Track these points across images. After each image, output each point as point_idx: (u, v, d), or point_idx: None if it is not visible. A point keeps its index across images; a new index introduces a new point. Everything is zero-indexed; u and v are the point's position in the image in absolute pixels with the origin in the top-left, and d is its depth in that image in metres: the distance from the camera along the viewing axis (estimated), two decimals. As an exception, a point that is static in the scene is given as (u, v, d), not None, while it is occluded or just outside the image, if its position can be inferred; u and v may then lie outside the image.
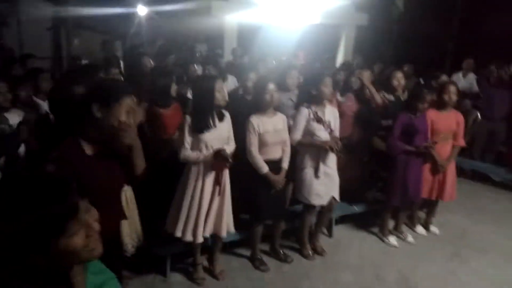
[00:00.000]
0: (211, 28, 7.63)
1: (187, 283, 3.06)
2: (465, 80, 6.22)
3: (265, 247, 3.47)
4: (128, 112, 1.72)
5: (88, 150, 1.73)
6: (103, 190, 1.73)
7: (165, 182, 3.06)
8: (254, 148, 2.96)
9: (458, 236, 3.97)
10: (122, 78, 4.41)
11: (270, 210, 3.15)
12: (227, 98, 2.89)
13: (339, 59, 8.39)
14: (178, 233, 2.81)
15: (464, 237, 3.95)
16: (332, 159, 3.27)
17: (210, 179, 2.80)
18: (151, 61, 5.12)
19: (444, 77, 4.11)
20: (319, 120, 3.17)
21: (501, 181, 5.31)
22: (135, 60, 5.79)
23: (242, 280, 3.14)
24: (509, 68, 5.23)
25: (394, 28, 9.10)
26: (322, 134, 3.18)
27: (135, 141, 1.79)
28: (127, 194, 2.80)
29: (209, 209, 2.85)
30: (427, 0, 8.42)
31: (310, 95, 3.22)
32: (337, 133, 3.28)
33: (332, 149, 3.12)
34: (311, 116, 3.17)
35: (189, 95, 3.94)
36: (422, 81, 5.21)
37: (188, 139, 2.71)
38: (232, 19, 7.53)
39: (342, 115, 3.46)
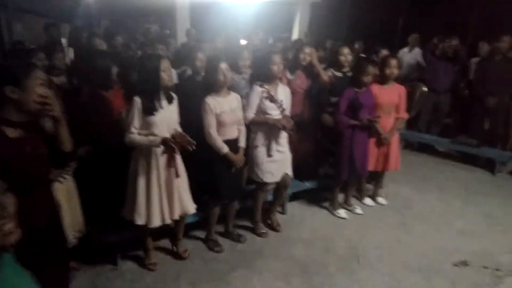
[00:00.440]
0: (161, 7, 7.39)
1: (139, 270, 3.05)
2: (411, 55, 6.44)
3: (219, 228, 3.50)
4: (42, 85, 1.73)
5: (11, 134, 1.70)
6: (30, 174, 1.72)
7: (113, 166, 3.02)
8: (213, 129, 2.96)
9: (404, 205, 4.19)
10: (66, 62, 4.24)
11: (229, 190, 3.18)
12: (174, 78, 2.83)
13: (295, 37, 8.41)
14: (140, 221, 2.77)
15: (410, 206, 4.17)
16: (284, 137, 3.34)
17: (163, 162, 2.77)
18: (103, 42, 4.93)
19: (384, 51, 4.22)
20: (271, 98, 3.21)
21: (445, 152, 5.61)
22: (83, 42, 5.56)
23: (196, 261, 3.17)
24: (451, 41, 5.45)
25: (347, 5, 9.19)
26: (275, 113, 3.22)
27: (60, 114, 1.78)
28: (69, 183, 2.76)
29: (171, 192, 2.83)
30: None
31: (262, 74, 3.24)
32: (288, 111, 3.33)
33: (284, 128, 3.18)
34: (264, 94, 3.19)
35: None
36: (364, 56, 5.34)
37: (136, 123, 2.65)
38: (183, -1, 7.32)
39: (293, 93, 3.50)
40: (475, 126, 5.35)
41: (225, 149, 3.00)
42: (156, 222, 2.81)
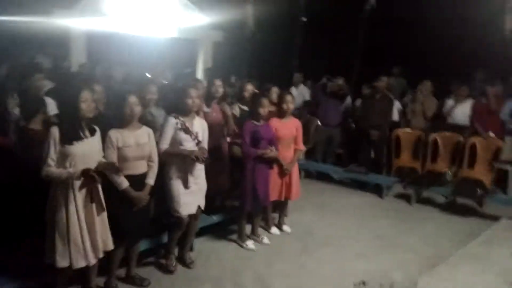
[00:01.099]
0: (54, 38, 6.90)
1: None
2: (297, 92, 7.07)
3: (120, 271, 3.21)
4: None
5: None
6: None
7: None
8: None
9: (307, 232, 4.37)
10: None
11: (132, 230, 2.99)
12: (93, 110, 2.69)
13: (199, 73, 8.56)
14: (63, 263, 2.56)
15: (311, 233, 4.36)
16: (200, 169, 3.34)
17: (82, 197, 2.61)
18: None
19: (274, 89, 4.58)
20: (186, 130, 3.22)
21: (340, 179, 6.11)
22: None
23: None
24: (337, 81, 6.10)
25: (248, 45, 9.73)
26: (189, 145, 3.23)
27: None
28: None
29: (93, 228, 2.65)
30: (274, 21, 9.29)
31: (177, 107, 3.28)
32: (205, 144, 3.35)
33: (198, 159, 3.18)
34: (179, 126, 3.19)
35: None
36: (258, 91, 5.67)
37: (53, 154, 2.49)
38: (79, 29, 6.96)
39: (209, 125, 3.55)
40: (362, 156, 5.96)
41: (123, 184, 2.84)
42: (80, 263, 2.60)
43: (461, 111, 5.90)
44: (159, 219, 3.56)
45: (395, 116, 6.30)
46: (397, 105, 6.38)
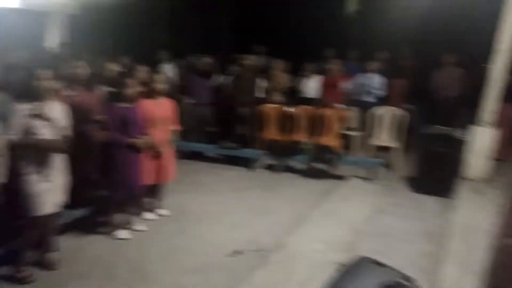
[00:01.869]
0: None
1: None
2: (164, 69, 6.97)
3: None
4: None
5: None
6: None
7: None
8: None
9: (183, 212, 4.43)
10: None
11: None
12: None
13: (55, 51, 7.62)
14: None
15: (188, 212, 4.45)
16: (59, 160, 3.04)
17: None
18: None
19: (142, 68, 4.40)
20: (40, 116, 2.89)
21: (213, 157, 6.30)
22: None
23: None
24: (205, 59, 6.17)
25: (110, 19, 8.95)
26: (46, 133, 2.91)
27: None
28: None
29: None
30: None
31: (27, 91, 2.93)
32: (65, 130, 3.06)
33: (56, 149, 2.93)
34: (30, 112, 2.85)
35: None
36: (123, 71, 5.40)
37: None
38: None
39: (74, 110, 3.26)
40: (233, 132, 6.24)
41: None
42: None
43: (310, 86, 6.68)
44: (4, 223, 3.17)
45: (260, 93, 6.69)
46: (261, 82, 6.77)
